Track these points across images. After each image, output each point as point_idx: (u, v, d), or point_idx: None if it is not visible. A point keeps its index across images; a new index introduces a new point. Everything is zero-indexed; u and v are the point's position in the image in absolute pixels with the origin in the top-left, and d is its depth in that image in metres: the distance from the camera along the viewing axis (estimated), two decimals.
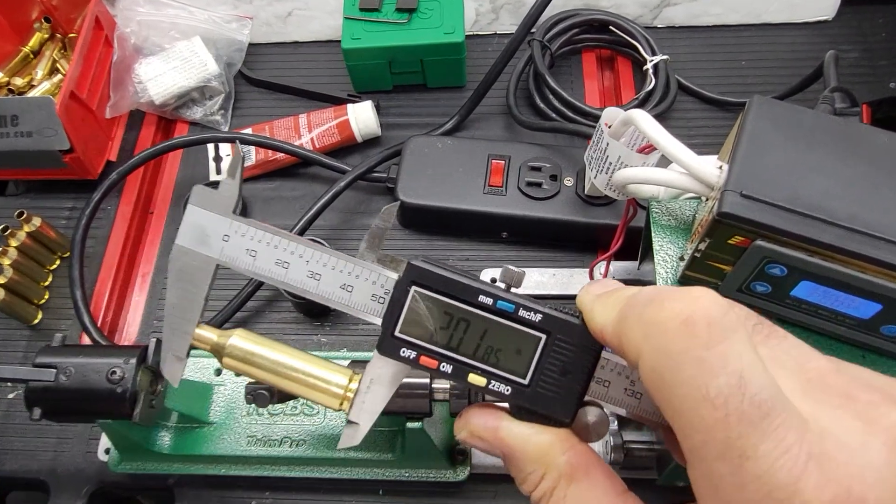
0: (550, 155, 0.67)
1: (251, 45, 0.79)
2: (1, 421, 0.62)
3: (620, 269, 0.62)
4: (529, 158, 0.66)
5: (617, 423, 0.54)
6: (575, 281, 0.65)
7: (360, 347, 0.64)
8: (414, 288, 0.30)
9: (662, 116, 0.71)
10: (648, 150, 0.51)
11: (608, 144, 0.53)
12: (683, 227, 0.47)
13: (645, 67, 0.73)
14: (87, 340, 0.64)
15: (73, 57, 0.69)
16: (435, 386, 0.47)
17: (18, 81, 0.75)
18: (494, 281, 0.32)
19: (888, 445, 0.22)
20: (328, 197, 0.66)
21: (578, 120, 0.70)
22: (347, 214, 0.71)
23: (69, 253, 0.67)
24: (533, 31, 0.72)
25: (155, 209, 0.74)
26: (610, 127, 0.53)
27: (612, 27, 0.75)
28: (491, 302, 0.30)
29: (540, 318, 0.30)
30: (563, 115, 0.71)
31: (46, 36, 0.77)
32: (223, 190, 0.32)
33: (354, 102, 0.74)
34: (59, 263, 0.70)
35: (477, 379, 0.31)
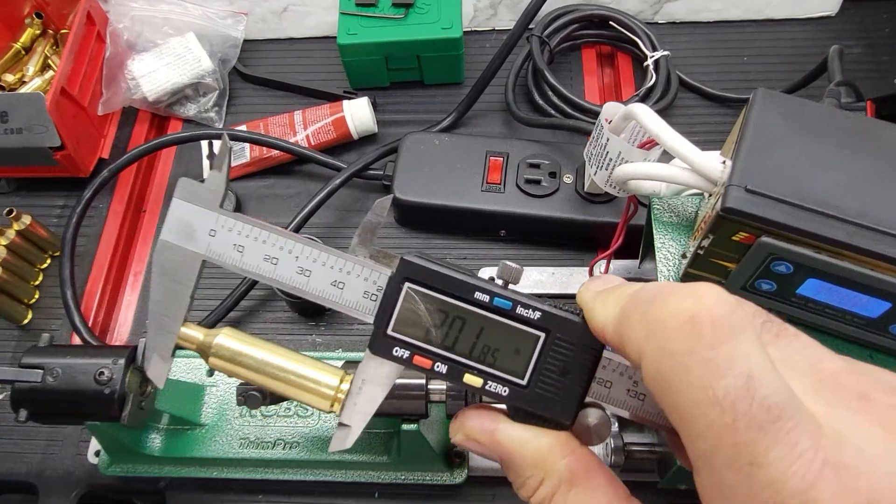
0: (549, 152, 0.66)
1: (246, 41, 0.78)
2: None
3: (621, 267, 0.61)
4: (528, 155, 0.65)
5: (618, 424, 0.53)
6: (574, 280, 0.63)
7: (356, 348, 0.63)
8: (407, 284, 0.29)
9: (663, 113, 0.70)
10: (649, 145, 0.50)
11: (608, 140, 0.52)
12: (686, 223, 0.46)
13: (645, 63, 0.72)
14: (77, 340, 0.63)
15: (63, 53, 0.68)
16: (431, 387, 0.46)
17: (9, 78, 0.74)
18: (493, 280, 0.30)
19: None
20: (323, 195, 0.65)
21: (578, 117, 0.69)
22: (343, 213, 0.70)
23: (60, 252, 0.66)
24: (531, 26, 0.71)
25: (148, 207, 0.73)
26: (610, 122, 0.52)
27: (612, 23, 0.74)
28: (487, 299, 0.29)
29: (539, 315, 0.29)
30: (562, 111, 0.70)
31: (38, 32, 0.75)
32: (209, 183, 0.31)
33: (350, 99, 0.73)
34: (49, 262, 0.69)
35: (473, 379, 0.29)
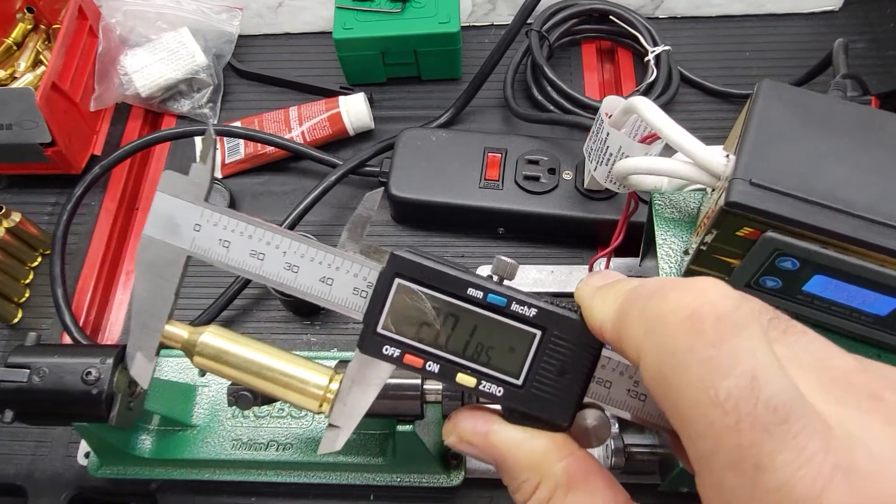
0: (548, 148, 0.65)
1: (241, 36, 0.77)
2: None
3: (621, 265, 0.60)
4: (527, 151, 0.64)
5: (618, 425, 0.52)
6: (574, 278, 0.62)
7: (351, 347, 0.62)
8: (398, 280, 0.28)
9: (664, 109, 0.68)
10: (651, 139, 0.49)
11: (608, 134, 0.50)
12: (688, 219, 0.45)
13: (646, 59, 0.70)
14: (68, 340, 0.62)
15: (55, 47, 0.67)
16: (426, 387, 0.44)
17: (0, 73, 0.73)
18: (489, 277, 0.29)
19: None
20: (318, 191, 0.64)
21: (577, 112, 0.68)
22: (339, 210, 0.69)
23: (51, 250, 0.65)
24: (530, 21, 0.70)
25: (141, 205, 0.72)
26: (610, 116, 0.51)
27: (612, 17, 0.73)
28: (481, 295, 0.28)
29: (535, 312, 0.28)
30: (561, 107, 0.69)
31: (30, 27, 0.74)
32: (194, 176, 0.30)
33: (346, 95, 0.72)
34: (40, 261, 0.68)
35: (466, 379, 0.28)
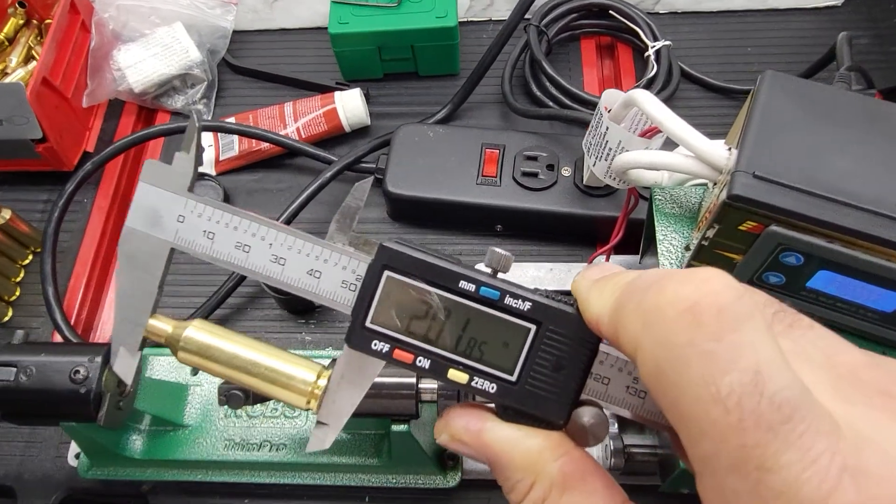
0: (547, 144, 0.64)
1: (236, 31, 0.76)
2: None
3: (621, 263, 0.59)
4: (525, 147, 0.63)
5: (617, 424, 0.51)
6: (573, 275, 0.61)
7: None
8: (387, 273, 0.27)
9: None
10: (651, 133, 0.48)
11: (608, 129, 0.49)
12: (689, 215, 0.44)
13: (646, 54, 0.69)
14: (59, 339, 0.61)
15: (46, 42, 0.66)
16: (422, 386, 0.43)
17: None
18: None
19: None
20: (313, 188, 0.63)
21: (576, 108, 0.67)
22: (334, 207, 0.66)
23: (41, 247, 0.64)
24: (528, 16, 0.69)
25: None
26: (610, 111, 0.50)
27: (611, 12, 0.72)
28: (473, 288, 0.27)
29: (529, 306, 0.27)
30: (560, 103, 0.68)
31: (21, 22, 0.73)
32: (177, 165, 0.29)
33: (342, 91, 0.71)
34: (31, 259, 0.67)
35: (458, 375, 0.27)
